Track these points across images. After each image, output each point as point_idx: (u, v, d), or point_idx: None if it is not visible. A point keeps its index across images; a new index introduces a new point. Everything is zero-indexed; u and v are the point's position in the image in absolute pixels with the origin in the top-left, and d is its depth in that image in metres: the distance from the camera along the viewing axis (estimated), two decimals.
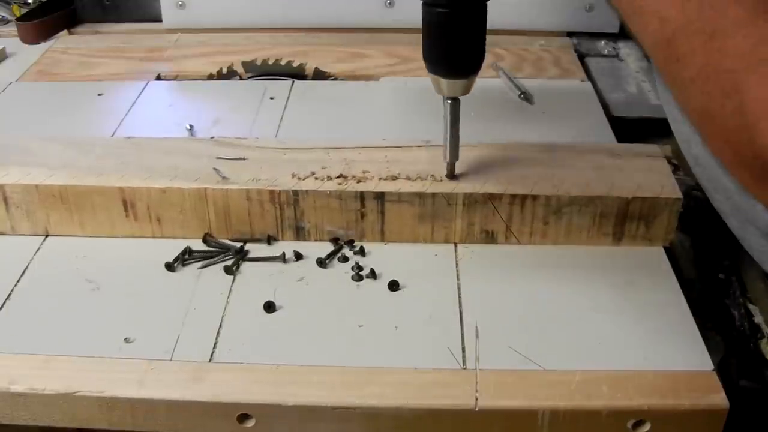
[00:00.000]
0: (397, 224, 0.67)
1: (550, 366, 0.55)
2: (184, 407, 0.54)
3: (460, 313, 0.60)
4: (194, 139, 0.80)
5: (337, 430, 0.54)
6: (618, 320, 0.60)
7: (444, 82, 0.63)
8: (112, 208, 0.67)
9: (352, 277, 0.64)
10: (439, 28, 0.60)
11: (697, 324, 0.59)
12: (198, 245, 0.68)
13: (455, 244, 0.68)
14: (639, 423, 0.53)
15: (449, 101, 0.64)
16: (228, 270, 0.64)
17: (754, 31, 0.40)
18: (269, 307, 0.61)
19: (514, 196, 0.65)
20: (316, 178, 0.67)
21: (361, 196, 0.66)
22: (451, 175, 0.67)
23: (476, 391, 0.53)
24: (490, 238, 0.67)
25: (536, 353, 0.56)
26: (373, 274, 0.64)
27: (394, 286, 0.62)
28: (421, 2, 0.61)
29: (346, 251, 0.67)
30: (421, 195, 0.65)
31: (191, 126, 0.84)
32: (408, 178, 0.67)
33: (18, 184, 0.67)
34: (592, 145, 0.74)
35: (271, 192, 0.66)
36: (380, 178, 0.67)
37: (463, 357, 0.56)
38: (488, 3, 0.60)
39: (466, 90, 0.64)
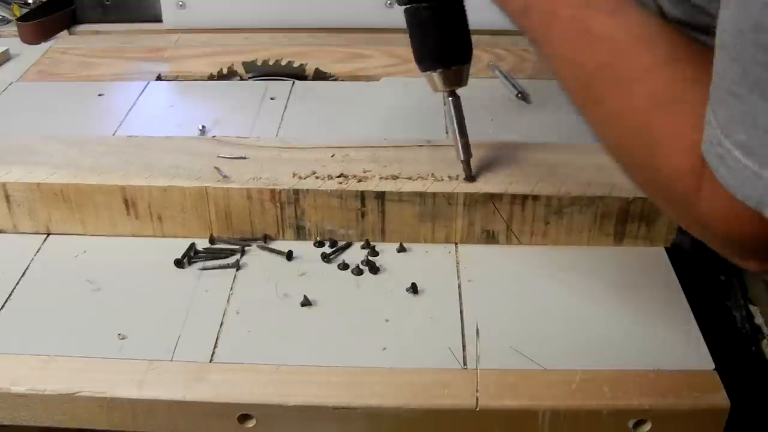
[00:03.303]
0: (398, 224, 0.67)
1: (551, 366, 0.55)
2: (185, 407, 0.54)
3: (461, 313, 0.60)
4: (195, 138, 0.80)
5: (338, 430, 0.54)
6: (619, 320, 0.60)
7: (436, 75, 0.64)
8: (113, 207, 0.67)
9: (352, 271, 0.64)
10: (422, 22, 0.63)
11: (699, 325, 0.59)
12: (199, 244, 0.68)
13: (455, 244, 0.68)
14: (640, 422, 0.53)
15: (450, 98, 0.65)
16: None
17: (666, 75, 0.43)
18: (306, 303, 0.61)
19: (515, 196, 0.65)
20: (317, 177, 0.67)
21: (362, 196, 0.66)
22: (469, 176, 0.67)
23: (477, 390, 0.53)
24: (491, 238, 0.67)
25: (537, 353, 0.56)
26: (374, 270, 0.64)
27: (413, 289, 0.62)
28: (403, 8, 0.63)
29: (356, 249, 0.67)
30: (421, 194, 0.65)
31: (203, 126, 0.84)
32: (409, 178, 0.67)
33: (20, 182, 0.67)
34: (593, 145, 0.74)
35: (272, 191, 0.66)
36: (381, 178, 0.67)
37: (464, 357, 0.56)
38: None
39: (461, 81, 0.65)
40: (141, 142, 0.74)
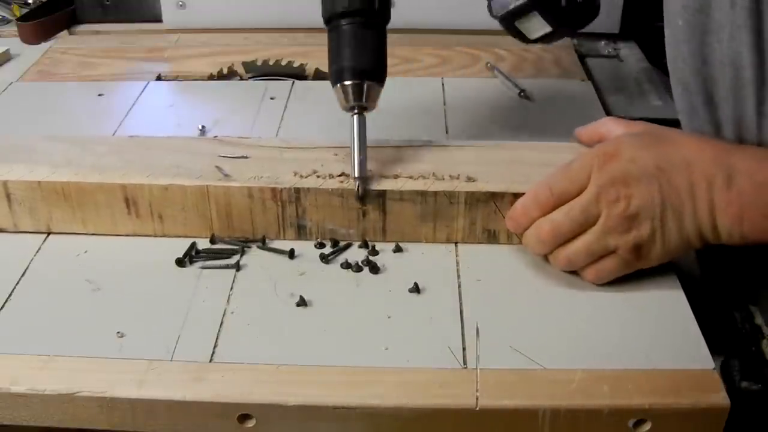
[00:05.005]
0: (399, 223, 0.67)
1: (551, 365, 0.55)
2: (185, 407, 0.54)
3: (461, 313, 0.60)
4: (197, 137, 0.80)
5: (338, 429, 0.54)
6: (618, 319, 0.60)
7: (349, 86, 0.67)
8: (114, 206, 0.67)
9: (352, 269, 0.64)
10: (340, 37, 0.67)
11: (699, 324, 0.59)
12: (200, 243, 0.68)
13: (456, 244, 0.68)
14: (640, 422, 0.53)
15: (355, 116, 0.67)
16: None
17: None
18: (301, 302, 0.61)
19: (516, 195, 0.65)
20: (318, 176, 0.67)
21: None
22: (361, 196, 0.66)
23: (477, 390, 0.53)
24: (492, 237, 0.67)
25: (537, 352, 0.56)
26: (374, 269, 0.64)
27: (415, 289, 0.62)
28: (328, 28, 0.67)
29: (356, 249, 0.67)
30: (422, 193, 0.65)
31: (203, 126, 0.84)
32: (410, 177, 0.67)
33: (21, 180, 0.67)
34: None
35: (273, 189, 0.66)
36: (382, 177, 0.67)
37: (464, 356, 0.56)
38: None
39: (371, 99, 0.67)
40: (142, 141, 0.74)
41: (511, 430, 0.54)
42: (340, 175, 0.67)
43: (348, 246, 0.67)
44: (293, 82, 0.96)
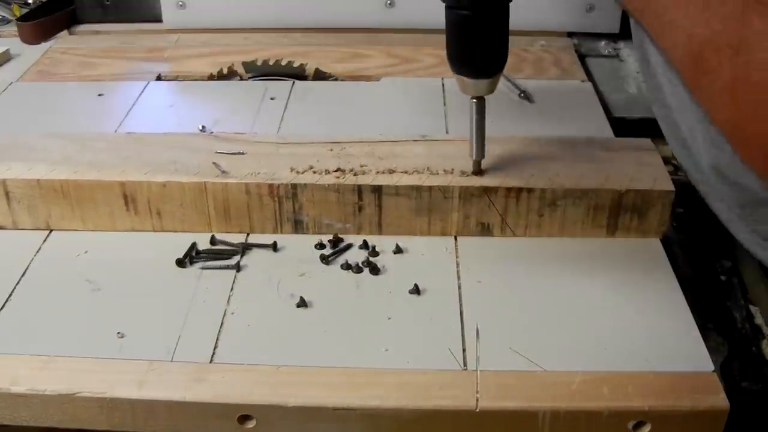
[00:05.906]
0: (395, 217, 0.67)
1: (551, 367, 0.55)
2: (185, 408, 0.54)
3: (461, 314, 0.60)
4: (194, 134, 0.81)
5: (338, 431, 0.54)
6: (618, 321, 0.60)
7: (469, 82, 0.63)
8: (112, 203, 0.68)
9: (352, 270, 0.65)
10: (462, 30, 0.61)
11: (699, 326, 0.59)
12: (199, 239, 0.68)
13: (455, 239, 0.68)
14: (640, 424, 0.53)
15: (474, 100, 0.65)
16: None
17: None
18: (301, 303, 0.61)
19: (509, 189, 0.65)
20: (314, 172, 0.67)
21: (359, 190, 0.66)
22: (477, 172, 0.67)
23: (477, 392, 0.53)
24: (486, 230, 0.68)
25: (537, 354, 0.56)
26: (374, 270, 0.64)
27: (415, 290, 0.62)
28: (444, 4, 0.61)
29: (356, 250, 0.67)
30: (417, 188, 0.66)
31: (203, 126, 0.84)
32: (405, 172, 0.67)
33: (20, 179, 0.67)
34: (586, 138, 0.75)
35: (270, 185, 0.66)
36: (377, 172, 0.67)
37: (464, 358, 0.56)
38: None
39: (491, 89, 0.64)
40: (140, 138, 0.74)
41: (512, 431, 0.54)
42: (335, 171, 0.67)
43: (348, 247, 0.67)
44: (293, 82, 0.96)
